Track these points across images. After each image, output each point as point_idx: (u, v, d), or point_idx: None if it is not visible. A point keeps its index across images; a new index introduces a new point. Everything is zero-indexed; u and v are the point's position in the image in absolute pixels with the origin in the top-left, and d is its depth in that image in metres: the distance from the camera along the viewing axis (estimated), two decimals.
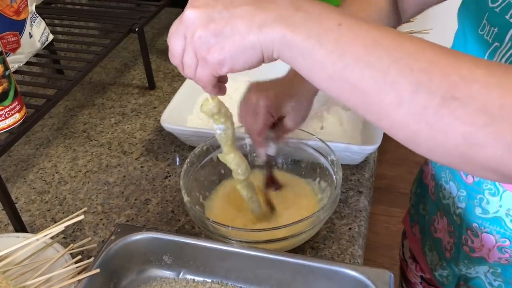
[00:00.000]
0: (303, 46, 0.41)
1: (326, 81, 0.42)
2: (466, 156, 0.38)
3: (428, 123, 0.38)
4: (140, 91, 1.08)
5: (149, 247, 0.63)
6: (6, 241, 0.69)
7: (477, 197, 0.64)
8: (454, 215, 0.69)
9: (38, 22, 0.91)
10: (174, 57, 0.48)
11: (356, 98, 0.42)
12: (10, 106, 0.69)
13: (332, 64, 0.41)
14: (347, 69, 0.40)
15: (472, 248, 0.67)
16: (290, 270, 0.60)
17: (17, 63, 0.88)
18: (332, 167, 0.71)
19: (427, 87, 0.37)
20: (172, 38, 0.48)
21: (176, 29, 0.47)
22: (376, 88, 0.40)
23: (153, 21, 1.30)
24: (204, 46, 0.45)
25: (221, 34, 0.44)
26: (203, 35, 0.44)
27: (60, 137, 0.96)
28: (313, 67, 0.42)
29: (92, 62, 0.89)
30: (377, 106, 0.40)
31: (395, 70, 0.39)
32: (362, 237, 0.72)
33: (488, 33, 0.56)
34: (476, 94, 0.37)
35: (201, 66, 0.47)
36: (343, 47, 0.40)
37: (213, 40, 0.44)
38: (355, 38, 0.40)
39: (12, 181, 0.85)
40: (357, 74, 0.40)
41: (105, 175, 0.85)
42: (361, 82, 0.40)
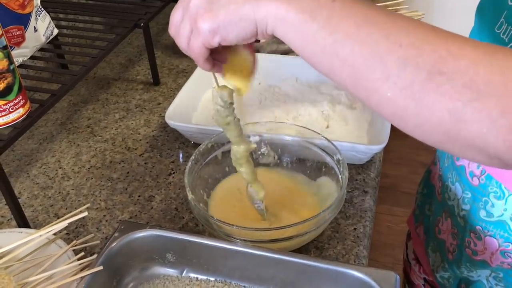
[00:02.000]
0: (297, 20, 0.42)
1: (317, 56, 0.43)
2: (451, 133, 0.38)
3: (414, 98, 0.38)
4: (144, 86, 1.08)
5: (153, 245, 0.62)
6: (9, 237, 0.68)
7: (482, 200, 0.63)
8: (458, 216, 0.68)
9: (43, 16, 0.90)
10: (170, 27, 0.50)
11: (346, 73, 0.42)
12: (14, 101, 0.68)
13: (323, 39, 0.41)
14: (337, 44, 0.41)
15: (474, 251, 0.67)
16: (294, 270, 0.59)
17: (22, 57, 0.87)
18: (338, 166, 0.70)
19: (414, 62, 0.38)
20: (173, 11, 0.49)
21: (178, 2, 0.48)
22: (365, 63, 0.40)
23: (158, 17, 1.28)
24: (198, 12, 0.45)
25: (216, 2, 0.44)
26: (198, 2, 0.45)
27: (64, 132, 0.95)
28: (305, 42, 0.43)
29: (97, 57, 0.88)
30: (365, 81, 0.41)
31: (384, 45, 0.39)
32: (367, 237, 0.71)
33: (505, 32, 0.55)
34: (463, 70, 0.37)
35: (194, 35, 0.47)
36: (335, 22, 0.41)
37: (207, 6, 0.45)
38: (347, 14, 0.41)
39: (15, 176, 0.85)
40: (347, 49, 0.40)
41: (108, 171, 0.85)
42: (351, 57, 0.40)
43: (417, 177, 1.24)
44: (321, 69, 0.44)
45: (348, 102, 0.90)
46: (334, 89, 0.95)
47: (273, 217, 0.70)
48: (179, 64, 1.15)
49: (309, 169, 0.76)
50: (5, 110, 0.68)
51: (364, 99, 0.43)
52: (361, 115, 0.88)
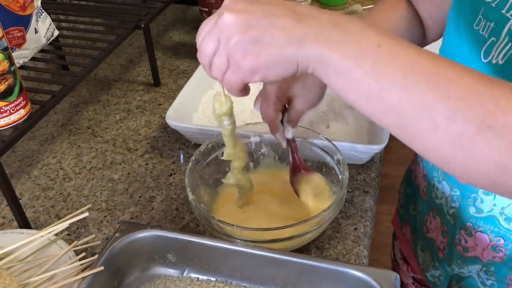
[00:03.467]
0: (340, 65, 0.42)
1: (361, 100, 0.43)
2: (498, 181, 0.40)
3: (462, 149, 0.39)
4: (145, 87, 1.08)
5: (153, 245, 0.63)
6: (10, 237, 0.68)
7: (471, 196, 0.63)
8: (447, 214, 0.68)
9: (43, 17, 0.90)
10: (204, 57, 0.48)
11: (391, 120, 0.42)
12: (15, 102, 0.69)
13: (368, 85, 0.41)
14: (383, 91, 0.41)
15: (465, 248, 0.67)
16: (295, 270, 0.59)
17: (22, 59, 0.87)
18: (338, 166, 0.70)
19: (463, 114, 0.38)
20: (205, 40, 0.47)
21: (210, 30, 0.46)
22: (412, 112, 0.40)
23: (158, 18, 1.29)
24: (240, 52, 0.44)
25: (259, 42, 0.43)
26: (241, 41, 0.44)
27: (65, 133, 0.95)
28: (349, 86, 0.43)
29: (98, 58, 0.88)
30: (412, 129, 0.41)
31: (432, 96, 0.39)
32: (368, 237, 0.71)
33: (484, 28, 0.55)
34: (511, 124, 0.37)
35: (233, 71, 0.46)
36: (381, 69, 0.41)
37: (250, 47, 0.44)
38: (394, 60, 0.41)
39: (16, 177, 0.85)
40: (394, 97, 0.40)
41: (109, 171, 0.85)
42: (397, 105, 0.41)
43: None
44: (365, 112, 0.44)
45: (348, 102, 0.90)
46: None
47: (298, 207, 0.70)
48: (180, 65, 1.15)
49: None
50: (6, 111, 0.68)
51: (409, 144, 0.43)
52: (361, 115, 0.88)
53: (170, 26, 1.32)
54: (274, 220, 0.69)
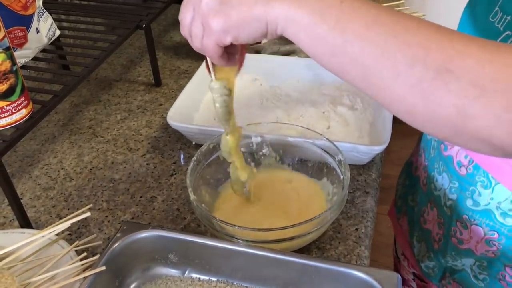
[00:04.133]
0: (307, 21, 0.43)
1: (327, 56, 0.44)
2: (458, 128, 0.40)
3: (423, 95, 0.40)
4: (146, 88, 1.08)
5: (155, 245, 0.63)
6: (12, 237, 0.68)
7: (469, 189, 0.64)
8: (445, 206, 0.68)
9: (45, 17, 0.91)
10: (183, 28, 0.50)
11: (356, 72, 0.43)
12: (17, 102, 0.69)
13: (333, 39, 0.43)
14: (347, 45, 0.42)
15: (460, 240, 0.67)
16: (296, 271, 0.59)
17: (24, 58, 0.87)
18: (339, 167, 0.70)
19: (422, 60, 0.39)
20: (183, 11, 0.50)
21: (187, 1, 0.49)
22: (375, 62, 0.41)
23: (160, 18, 1.29)
24: (210, 12, 0.46)
25: (228, 2, 0.45)
26: (210, 2, 0.46)
27: (66, 133, 0.95)
28: (315, 42, 0.44)
29: (99, 58, 0.88)
30: (375, 80, 0.42)
31: (393, 45, 0.40)
32: (369, 238, 0.71)
33: (499, 21, 0.55)
34: (469, 68, 0.38)
35: (207, 34, 0.48)
36: (344, 23, 0.42)
37: (219, 7, 0.46)
38: (357, 15, 0.42)
39: (17, 177, 0.85)
40: (357, 49, 0.42)
41: (110, 172, 0.85)
42: (360, 57, 0.42)
43: None
44: (331, 69, 0.45)
45: (349, 103, 0.91)
46: (336, 90, 0.95)
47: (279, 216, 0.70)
48: (181, 65, 1.15)
49: (311, 169, 0.76)
50: (8, 111, 0.68)
51: (374, 96, 0.44)
52: (362, 116, 0.88)
53: (171, 26, 1.32)
54: (275, 220, 0.69)
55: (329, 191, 0.72)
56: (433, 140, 0.71)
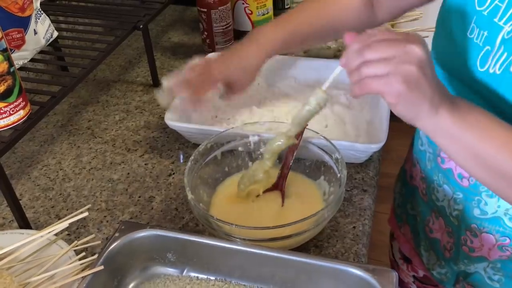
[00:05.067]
0: (449, 132, 0.53)
1: (459, 157, 0.55)
2: None
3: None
4: (144, 88, 1.08)
5: (153, 245, 0.63)
6: (11, 238, 0.69)
7: (474, 199, 0.63)
8: (451, 216, 0.68)
9: (42, 19, 0.91)
10: (369, 53, 0.51)
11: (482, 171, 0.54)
12: (14, 103, 0.69)
13: (468, 149, 0.53)
14: (479, 156, 0.52)
15: (471, 248, 0.67)
16: (294, 269, 0.59)
17: (22, 60, 0.88)
18: (336, 165, 0.71)
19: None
20: (385, 46, 0.51)
21: (392, 44, 0.50)
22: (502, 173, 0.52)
23: (157, 19, 1.29)
24: (403, 77, 0.49)
25: (418, 81, 0.49)
26: (412, 72, 0.49)
27: (64, 134, 0.96)
28: (452, 147, 0.54)
29: (97, 59, 0.89)
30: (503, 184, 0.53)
31: None
32: (366, 236, 0.72)
33: (478, 37, 0.56)
34: None
35: (383, 82, 0.51)
36: (480, 141, 0.52)
37: (412, 80, 0.49)
38: (490, 135, 0.52)
39: (16, 178, 0.85)
40: (487, 162, 0.52)
41: (109, 172, 0.85)
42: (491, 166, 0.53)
43: None
44: (460, 164, 0.56)
45: (346, 102, 0.91)
46: (333, 89, 0.95)
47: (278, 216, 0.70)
48: (179, 65, 1.15)
49: (308, 168, 0.76)
50: (5, 112, 0.68)
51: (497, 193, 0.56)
52: (359, 114, 0.88)
53: (169, 27, 1.33)
54: (273, 218, 0.69)
55: (326, 189, 0.73)
56: (427, 152, 0.71)
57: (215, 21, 1.08)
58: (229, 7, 1.09)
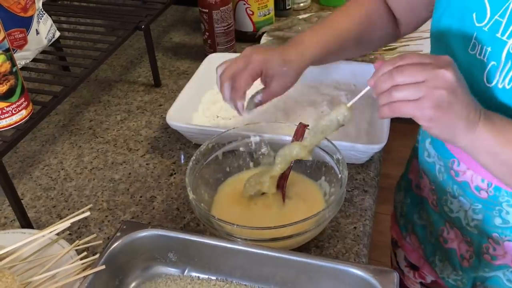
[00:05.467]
0: (488, 149, 0.54)
1: (497, 172, 0.56)
2: None
3: None
4: (145, 88, 1.08)
5: (154, 244, 0.63)
6: (12, 237, 0.69)
7: (495, 209, 0.63)
8: (468, 226, 0.67)
9: (45, 19, 0.91)
10: (399, 76, 0.52)
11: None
12: (17, 103, 0.69)
13: (506, 164, 0.54)
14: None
15: (494, 256, 0.66)
16: (295, 269, 0.60)
17: (24, 60, 0.88)
18: (337, 166, 0.71)
19: None
20: (415, 70, 0.52)
21: (425, 69, 0.52)
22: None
23: (159, 19, 1.30)
24: (435, 102, 0.50)
25: (450, 105, 0.51)
26: (444, 96, 0.50)
27: (66, 134, 0.96)
28: (491, 163, 0.55)
29: (98, 59, 0.89)
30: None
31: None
32: (367, 236, 0.72)
33: (480, 53, 0.56)
34: None
35: (414, 107, 0.51)
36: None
37: (444, 104, 0.50)
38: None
39: (18, 178, 0.86)
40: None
41: (110, 172, 0.86)
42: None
43: None
44: (494, 174, 0.57)
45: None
46: (334, 90, 0.95)
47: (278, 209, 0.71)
48: (180, 65, 1.16)
49: (309, 168, 0.77)
50: (8, 112, 0.68)
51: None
52: (361, 115, 0.88)
53: (171, 27, 1.33)
54: (274, 219, 0.69)
55: (327, 190, 0.73)
56: (436, 164, 0.71)
57: (216, 22, 1.08)
58: (230, 7, 1.09)
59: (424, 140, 0.73)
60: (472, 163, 0.63)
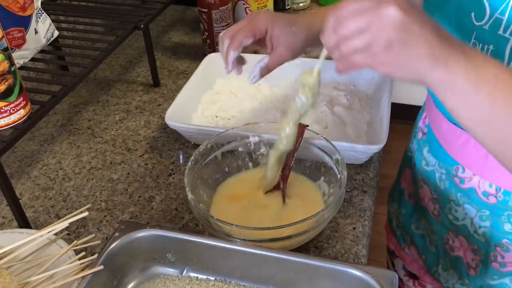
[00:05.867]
0: (460, 88, 0.47)
1: (470, 121, 0.49)
2: None
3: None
4: (144, 88, 1.08)
5: (153, 245, 0.63)
6: (10, 237, 0.69)
7: (504, 214, 0.62)
8: (475, 234, 0.67)
9: (43, 18, 0.91)
10: (342, 28, 0.47)
11: (492, 138, 0.48)
12: (15, 102, 0.69)
13: (481, 110, 0.47)
14: (492, 119, 0.47)
15: (503, 264, 0.66)
16: (294, 269, 0.59)
17: (22, 59, 0.88)
18: (337, 166, 0.71)
19: None
20: (356, 17, 0.46)
21: (366, 12, 0.46)
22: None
23: (158, 19, 1.29)
24: (384, 45, 0.46)
25: (404, 45, 0.45)
26: (392, 37, 0.45)
27: (65, 133, 0.96)
28: (462, 107, 0.48)
29: (97, 58, 0.89)
30: (509, 152, 0.48)
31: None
32: (366, 236, 0.72)
33: (481, 51, 0.55)
34: None
35: (365, 55, 0.47)
36: (494, 101, 0.46)
37: (395, 46, 0.45)
38: (506, 95, 0.46)
39: (16, 177, 0.85)
40: (499, 125, 0.46)
41: (109, 172, 0.85)
42: (501, 131, 0.47)
43: None
44: (471, 132, 0.50)
45: (347, 103, 0.91)
46: (333, 90, 0.95)
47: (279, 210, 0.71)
48: (179, 65, 1.16)
49: (308, 169, 0.76)
50: (6, 111, 0.68)
51: (503, 165, 0.50)
52: (360, 115, 0.88)
53: (170, 27, 1.33)
54: (273, 219, 0.69)
55: (326, 190, 0.73)
56: (436, 172, 0.70)
57: (215, 21, 1.08)
58: (230, 7, 1.09)
59: (421, 149, 0.73)
60: (478, 167, 0.62)
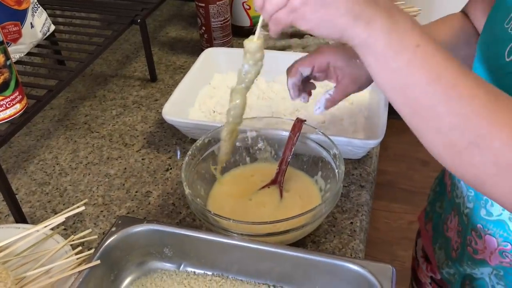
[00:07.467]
0: (380, 52, 0.47)
1: (386, 85, 0.49)
2: (478, 188, 0.48)
3: (452, 156, 0.47)
4: (141, 83, 1.08)
5: (150, 239, 0.63)
6: (6, 232, 0.68)
7: (483, 198, 0.63)
8: (463, 214, 0.68)
9: (39, 12, 0.90)
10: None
11: (406, 111, 0.48)
12: (11, 97, 0.68)
13: (397, 76, 0.47)
14: (407, 87, 0.47)
15: (475, 250, 0.67)
16: (291, 264, 0.59)
17: (18, 54, 0.87)
18: (334, 161, 0.70)
19: (461, 130, 0.45)
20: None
21: None
22: (424, 113, 0.47)
23: (155, 13, 1.29)
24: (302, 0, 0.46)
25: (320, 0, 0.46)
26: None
27: (61, 128, 0.95)
28: (381, 71, 0.48)
29: (94, 53, 0.88)
30: (421, 124, 0.48)
31: (443, 108, 0.45)
32: (364, 231, 0.72)
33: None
34: (495, 150, 0.44)
35: (287, 12, 0.48)
36: (412, 68, 0.46)
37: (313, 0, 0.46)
38: (424, 64, 0.46)
39: (12, 172, 0.85)
40: (413, 95, 0.47)
41: (106, 167, 0.85)
42: (413, 101, 0.47)
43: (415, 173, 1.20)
44: (386, 95, 0.50)
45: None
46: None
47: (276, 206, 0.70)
48: (176, 60, 1.15)
49: (306, 164, 0.76)
50: (2, 105, 0.68)
51: (416, 133, 0.49)
52: (357, 110, 0.88)
53: (167, 22, 1.32)
54: (270, 214, 0.69)
55: (323, 185, 0.73)
56: None
57: (213, 16, 1.08)
58: (227, 2, 1.09)
59: None
60: None
